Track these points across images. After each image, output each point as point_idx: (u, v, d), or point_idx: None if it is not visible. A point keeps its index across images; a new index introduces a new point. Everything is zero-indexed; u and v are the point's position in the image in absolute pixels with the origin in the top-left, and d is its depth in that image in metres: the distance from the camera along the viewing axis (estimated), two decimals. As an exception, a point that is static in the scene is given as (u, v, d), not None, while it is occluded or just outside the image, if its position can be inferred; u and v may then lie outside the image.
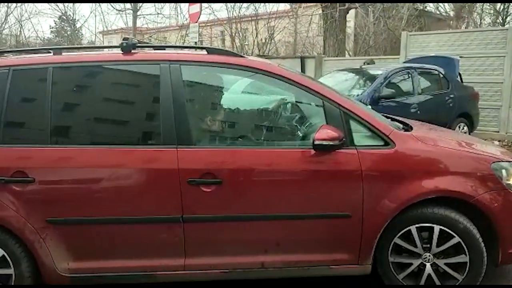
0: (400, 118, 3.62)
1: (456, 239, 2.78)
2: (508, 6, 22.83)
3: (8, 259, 2.72)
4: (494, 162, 2.87)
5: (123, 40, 2.92)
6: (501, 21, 23.05)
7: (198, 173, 2.67)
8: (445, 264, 2.84)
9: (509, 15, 23.49)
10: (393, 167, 2.78)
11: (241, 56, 3.05)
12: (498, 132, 9.45)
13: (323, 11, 13.79)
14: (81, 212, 2.72)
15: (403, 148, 2.81)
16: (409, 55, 10.43)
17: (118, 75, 2.97)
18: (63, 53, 2.98)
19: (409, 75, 7.45)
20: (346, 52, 17.36)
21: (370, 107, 5.34)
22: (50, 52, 3.00)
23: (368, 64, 7.14)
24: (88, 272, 2.78)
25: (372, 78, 7.22)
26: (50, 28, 34.77)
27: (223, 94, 3.21)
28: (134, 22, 20.08)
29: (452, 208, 2.82)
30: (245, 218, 2.78)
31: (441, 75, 7.93)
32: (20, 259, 2.72)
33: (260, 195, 2.77)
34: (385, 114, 3.55)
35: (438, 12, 23.55)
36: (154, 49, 3.24)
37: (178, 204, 2.68)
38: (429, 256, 2.84)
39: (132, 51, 2.90)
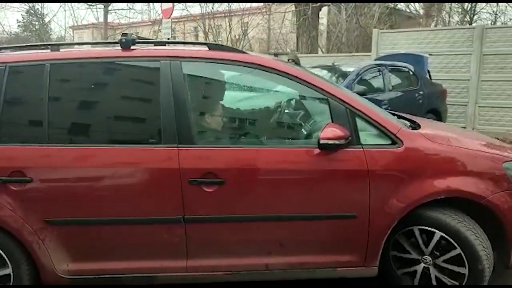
0: (407, 116, 3.54)
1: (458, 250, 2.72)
2: (476, 5, 23.47)
3: (7, 260, 2.66)
4: (506, 162, 2.78)
5: (122, 35, 2.85)
6: (469, 20, 23.68)
7: (199, 173, 2.60)
8: (443, 261, 2.79)
9: (476, 14, 24.16)
10: (401, 167, 2.69)
11: (243, 52, 2.97)
12: (465, 128, 9.74)
13: (296, 8, 13.87)
14: (80, 213, 2.65)
15: (411, 147, 2.72)
16: (380, 52, 10.61)
17: (117, 72, 2.89)
18: (61, 49, 2.89)
19: (380, 72, 7.58)
20: (319, 49, 17.52)
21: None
22: (48, 48, 2.91)
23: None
24: (88, 274, 2.73)
25: (344, 75, 7.31)
26: (18, 22, 33.81)
27: (225, 92, 3.12)
28: (106, 17, 19.70)
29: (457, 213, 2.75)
30: (248, 218, 2.71)
31: (411, 72, 8.11)
32: (19, 261, 2.66)
33: (263, 195, 2.69)
34: (392, 111, 3.49)
35: (408, 10, 24.01)
36: (154, 45, 3.16)
37: (179, 205, 2.61)
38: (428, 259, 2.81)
39: (132, 47, 2.82)
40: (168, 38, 10.51)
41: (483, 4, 23.34)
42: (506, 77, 9.37)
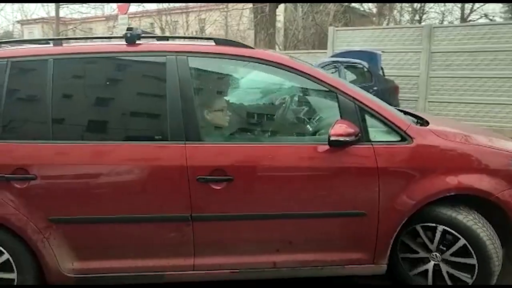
0: (415, 112, 3.45)
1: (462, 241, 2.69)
2: (424, 5, 24.49)
3: (11, 260, 2.60)
4: None
5: (127, 30, 2.76)
6: (419, 19, 24.71)
7: (207, 170, 2.54)
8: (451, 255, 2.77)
9: (425, 13, 25.23)
10: (411, 163, 2.65)
11: (250, 47, 2.91)
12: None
13: (253, 5, 13.98)
14: (85, 211, 2.58)
15: (421, 143, 2.67)
16: (336, 50, 10.91)
17: (122, 67, 2.82)
18: (64, 44, 2.79)
19: (336, 69, 7.85)
20: (276, 46, 17.73)
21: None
22: (50, 43, 2.82)
23: None
24: (94, 272, 2.66)
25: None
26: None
27: (232, 87, 3.06)
28: (57, 12, 19.01)
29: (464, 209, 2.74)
30: (256, 216, 2.65)
31: (365, 69, 8.43)
32: (23, 260, 2.60)
33: (272, 192, 2.63)
34: (399, 108, 3.42)
35: (362, 9, 24.72)
36: (158, 40, 3.02)
37: (186, 202, 2.56)
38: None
39: (137, 42, 2.74)
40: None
41: (432, 4, 24.40)
42: (452, 73, 9.91)
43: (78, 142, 2.61)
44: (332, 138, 2.51)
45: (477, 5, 24.18)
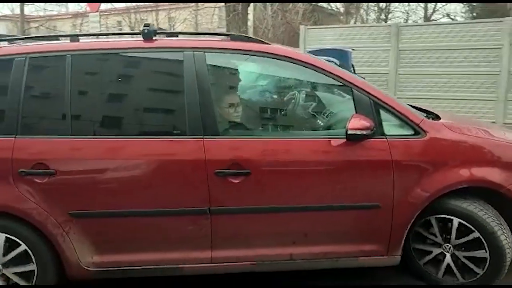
0: (424, 107, 3.49)
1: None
2: (390, 4, 25.17)
3: (30, 254, 2.62)
4: None
5: (144, 26, 2.78)
6: (384, 17, 25.37)
7: (226, 164, 2.59)
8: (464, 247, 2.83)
9: (391, 12, 25.94)
10: (425, 157, 2.72)
11: (266, 43, 2.93)
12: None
13: (226, 4, 14.05)
14: (104, 205, 2.62)
15: (435, 137, 2.74)
16: (307, 48, 11.12)
17: (140, 63, 2.85)
18: (81, 40, 2.82)
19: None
20: (248, 44, 17.81)
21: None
22: (60, 40, 2.83)
23: None
24: (113, 266, 2.69)
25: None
26: None
27: (249, 82, 3.10)
28: (22, 9, 18.52)
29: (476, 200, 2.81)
30: (273, 209, 2.70)
31: (337, 66, 8.63)
32: (43, 253, 2.62)
33: (289, 185, 2.68)
34: (409, 104, 3.53)
35: (330, 8, 25.16)
36: (170, 36, 3.07)
37: (205, 196, 2.60)
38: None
39: (154, 38, 2.78)
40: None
41: (397, 4, 25.08)
42: (419, 70, 10.28)
43: (97, 137, 2.66)
44: (349, 132, 2.58)
45: (439, 4, 25.07)
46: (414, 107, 3.35)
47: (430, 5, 25.41)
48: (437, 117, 3.06)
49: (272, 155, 2.68)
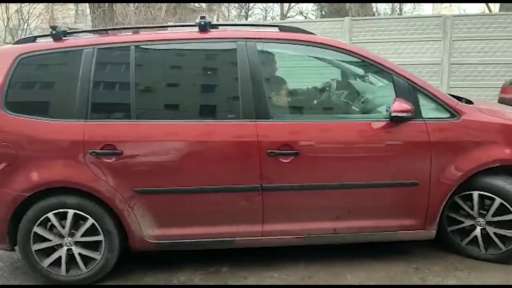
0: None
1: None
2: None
3: (97, 225, 2.83)
4: None
5: (200, 18, 2.97)
6: (245, 14, 26.81)
7: (277, 145, 2.80)
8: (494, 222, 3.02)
9: (250, 9, 27.53)
10: (460, 138, 2.91)
11: (311, 33, 3.14)
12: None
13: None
14: (166, 183, 2.82)
15: (469, 119, 2.92)
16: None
17: (197, 53, 3.07)
18: (141, 32, 3.03)
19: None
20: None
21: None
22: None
23: None
24: (172, 239, 2.92)
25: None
26: None
27: (296, 70, 3.31)
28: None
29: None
30: (319, 186, 2.89)
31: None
32: (110, 227, 2.85)
33: (334, 165, 2.90)
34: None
35: (193, 4, 25.64)
36: (217, 28, 3.21)
37: (257, 174, 2.81)
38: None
39: (209, 29, 2.97)
40: None
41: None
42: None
43: (160, 121, 2.87)
44: (393, 114, 2.80)
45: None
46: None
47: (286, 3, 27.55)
48: (468, 102, 3.27)
49: (318, 136, 2.89)
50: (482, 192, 2.97)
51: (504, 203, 2.92)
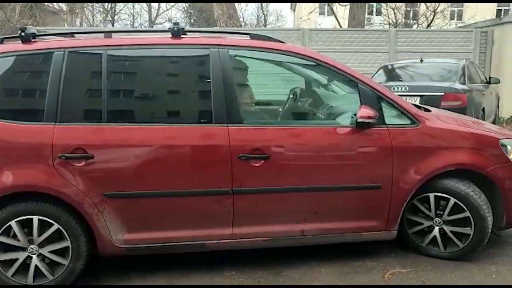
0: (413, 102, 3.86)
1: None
2: (115, 5, 25.71)
3: (62, 230, 2.76)
4: (501, 140, 3.26)
5: (173, 24, 3.02)
6: (111, 19, 25.75)
7: (248, 149, 2.86)
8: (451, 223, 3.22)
9: (117, 14, 26.50)
10: (419, 143, 3.09)
11: (282, 42, 3.24)
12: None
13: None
14: (136, 186, 2.82)
15: (428, 126, 3.12)
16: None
17: (170, 59, 3.13)
18: (113, 36, 3.00)
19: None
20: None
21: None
22: (101, 35, 3.00)
23: None
24: (142, 243, 2.90)
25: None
26: None
27: (267, 76, 3.42)
28: None
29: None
30: (288, 190, 2.98)
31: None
32: (78, 232, 2.78)
33: (303, 169, 2.99)
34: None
35: (52, 6, 23.88)
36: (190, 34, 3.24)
37: (228, 178, 2.86)
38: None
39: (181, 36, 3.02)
40: None
41: (122, 5, 25.81)
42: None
43: (132, 124, 2.87)
44: (359, 120, 2.95)
45: (163, 8, 26.98)
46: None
47: (154, 9, 27.14)
48: (427, 110, 3.51)
49: (288, 141, 2.99)
50: (437, 194, 3.18)
51: (458, 202, 3.14)
